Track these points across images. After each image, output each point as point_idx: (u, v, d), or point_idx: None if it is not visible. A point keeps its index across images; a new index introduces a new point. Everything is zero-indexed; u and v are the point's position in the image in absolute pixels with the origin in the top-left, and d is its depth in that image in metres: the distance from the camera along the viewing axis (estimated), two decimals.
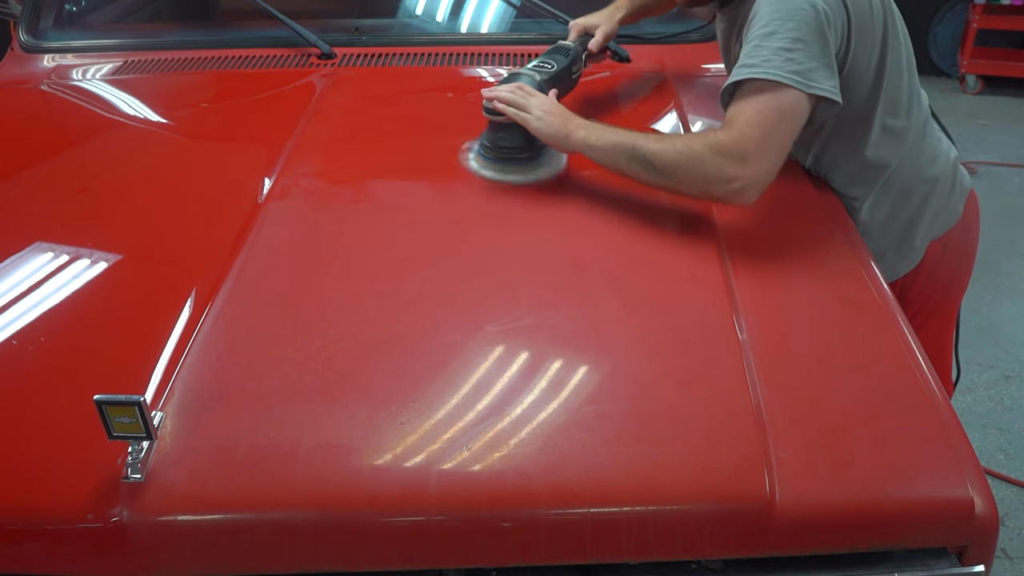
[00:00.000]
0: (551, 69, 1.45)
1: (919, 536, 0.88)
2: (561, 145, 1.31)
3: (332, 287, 1.15)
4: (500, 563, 0.88)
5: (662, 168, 1.22)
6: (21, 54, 1.96)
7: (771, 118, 1.18)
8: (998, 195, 3.86)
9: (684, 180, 1.21)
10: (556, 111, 1.31)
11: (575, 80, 1.55)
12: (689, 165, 1.20)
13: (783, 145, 1.20)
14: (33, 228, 1.29)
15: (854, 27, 1.24)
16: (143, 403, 0.81)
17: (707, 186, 1.20)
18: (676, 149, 1.21)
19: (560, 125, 1.30)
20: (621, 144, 1.25)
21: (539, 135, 1.32)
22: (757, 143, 1.17)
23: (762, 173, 1.18)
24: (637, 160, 1.23)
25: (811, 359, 1.02)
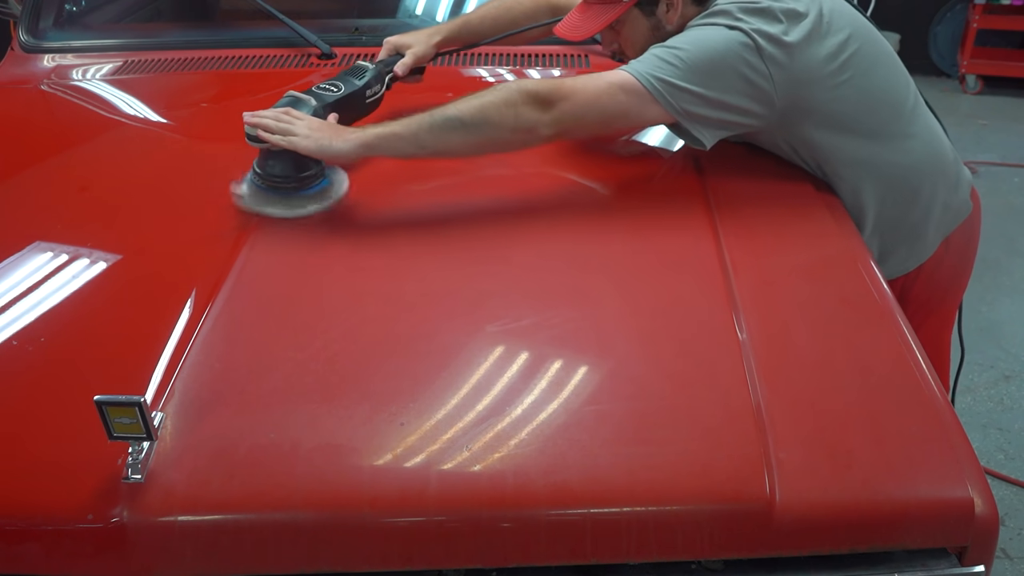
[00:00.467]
0: (336, 93, 1.37)
1: (919, 536, 0.88)
2: (339, 155, 1.24)
3: (332, 287, 1.15)
4: (500, 563, 0.88)
5: (471, 120, 1.21)
6: (21, 54, 1.96)
7: (601, 83, 1.26)
8: (998, 195, 3.86)
9: (495, 125, 1.22)
10: (325, 127, 1.25)
11: (372, 104, 1.46)
12: (502, 106, 1.22)
13: (600, 107, 1.26)
14: (33, 228, 1.29)
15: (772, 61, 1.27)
16: (143, 403, 0.81)
17: (515, 132, 1.24)
18: (483, 98, 1.22)
19: (331, 135, 1.24)
20: (413, 122, 1.22)
21: (310, 153, 1.23)
22: (570, 89, 1.24)
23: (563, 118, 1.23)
24: (439, 126, 1.21)
25: (811, 359, 1.02)
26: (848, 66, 1.31)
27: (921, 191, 1.42)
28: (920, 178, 1.42)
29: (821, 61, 1.29)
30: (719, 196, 1.33)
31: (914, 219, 1.44)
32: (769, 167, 1.42)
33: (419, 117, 1.23)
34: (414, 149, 1.24)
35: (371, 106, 1.47)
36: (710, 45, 1.27)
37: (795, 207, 1.34)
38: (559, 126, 1.25)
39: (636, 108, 1.27)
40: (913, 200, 1.42)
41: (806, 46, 1.28)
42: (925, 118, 1.44)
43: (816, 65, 1.29)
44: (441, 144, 1.23)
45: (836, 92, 1.31)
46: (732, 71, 1.26)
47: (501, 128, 1.23)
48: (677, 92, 1.26)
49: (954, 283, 1.56)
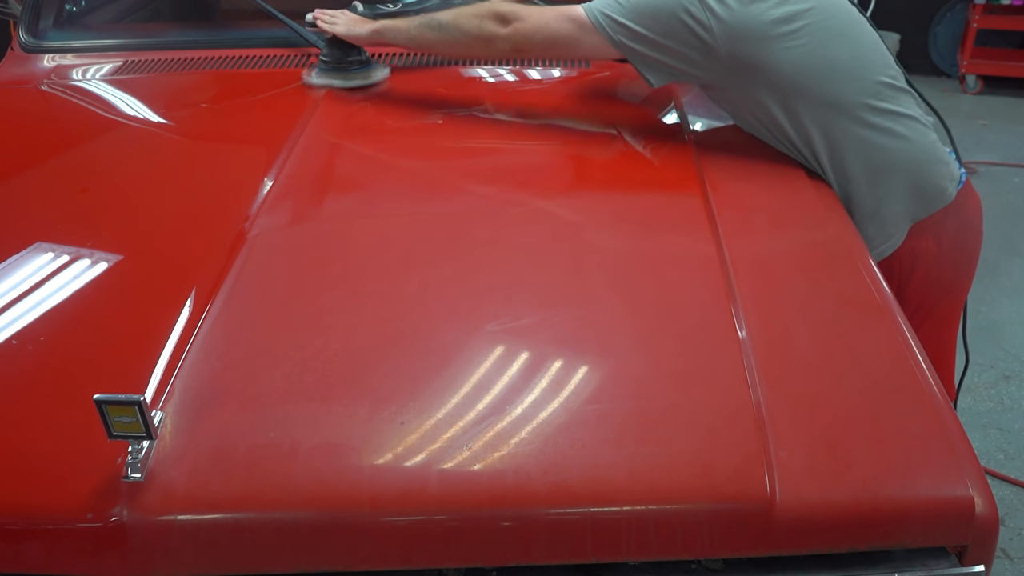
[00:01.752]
0: (387, 8, 1.72)
1: (919, 536, 0.88)
2: (360, 37, 1.67)
3: (332, 287, 1.15)
4: (500, 563, 0.88)
5: (446, 23, 1.52)
6: (21, 54, 1.96)
7: (554, 12, 1.45)
8: (998, 195, 3.86)
9: (462, 29, 1.50)
10: (356, 19, 1.67)
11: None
12: (471, 15, 1.49)
13: (549, 30, 1.45)
14: (33, 228, 1.29)
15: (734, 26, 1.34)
16: (143, 403, 0.81)
17: (476, 39, 1.50)
18: (463, 8, 1.50)
19: (357, 24, 1.67)
20: (413, 20, 1.56)
21: (340, 34, 1.67)
22: (527, 12, 1.46)
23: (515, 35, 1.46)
24: (425, 24, 1.54)
25: (811, 359, 1.02)
26: (802, 33, 1.35)
27: (884, 172, 1.41)
28: (883, 158, 1.41)
29: (769, 21, 1.34)
30: (719, 196, 1.33)
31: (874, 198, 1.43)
32: (769, 167, 1.42)
33: (419, 16, 1.57)
34: (405, 40, 1.61)
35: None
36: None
37: (795, 207, 1.34)
38: (512, 42, 1.48)
39: (580, 36, 1.44)
40: (874, 179, 1.41)
41: (749, 3, 1.34)
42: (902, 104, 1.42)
43: (761, 23, 1.34)
44: (424, 40, 1.57)
45: (785, 55, 1.35)
46: (672, 15, 1.36)
47: (467, 34, 1.50)
48: (617, 27, 1.40)
49: (954, 283, 1.54)
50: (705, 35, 1.35)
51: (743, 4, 1.34)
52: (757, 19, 1.34)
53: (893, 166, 1.42)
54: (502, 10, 1.47)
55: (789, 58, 1.35)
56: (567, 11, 1.44)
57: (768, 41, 1.35)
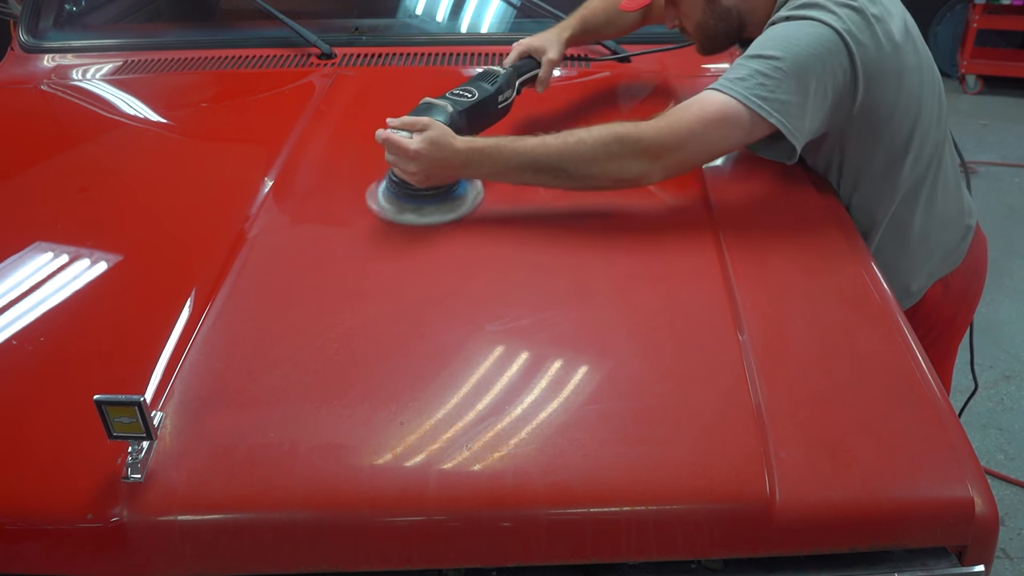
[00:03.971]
0: (470, 99, 1.36)
1: (919, 536, 0.88)
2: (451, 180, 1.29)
3: (332, 287, 1.15)
4: (500, 563, 0.88)
5: (574, 171, 1.22)
6: (21, 54, 1.96)
7: (708, 127, 1.21)
8: (998, 195, 3.86)
9: (596, 177, 1.23)
10: (435, 159, 1.21)
11: (503, 110, 1.45)
12: (605, 160, 1.21)
13: (708, 147, 1.24)
14: (33, 228, 1.29)
15: (862, 70, 1.24)
16: (143, 403, 0.81)
17: (621, 174, 1.23)
18: (590, 148, 1.21)
19: (441, 176, 1.25)
20: (523, 165, 1.22)
21: (420, 184, 1.25)
22: (680, 139, 1.21)
23: (676, 162, 1.23)
24: (545, 170, 1.23)
25: (811, 359, 1.02)
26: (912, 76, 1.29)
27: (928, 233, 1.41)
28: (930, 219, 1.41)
29: (895, 59, 1.27)
30: (719, 196, 1.33)
31: (904, 265, 1.43)
32: (771, 168, 1.42)
33: (525, 161, 1.23)
34: (517, 182, 1.26)
35: (502, 112, 1.46)
36: (806, 46, 1.21)
37: (795, 207, 1.34)
38: (668, 173, 1.25)
39: (746, 136, 1.24)
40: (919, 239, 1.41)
41: (887, 45, 1.25)
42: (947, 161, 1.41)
43: (890, 60, 1.26)
44: (543, 185, 1.26)
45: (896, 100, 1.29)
46: (827, 76, 1.22)
47: (605, 180, 1.24)
48: (783, 106, 1.21)
49: (954, 319, 1.54)
50: (849, 86, 1.24)
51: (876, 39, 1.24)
52: (889, 57, 1.25)
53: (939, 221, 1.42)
54: (645, 142, 1.21)
55: (897, 102, 1.29)
56: (715, 114, 1.22)
57: (889, 84, 1.27)
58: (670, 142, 1.21)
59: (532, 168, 1.23)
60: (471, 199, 1.32)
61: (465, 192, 1.32)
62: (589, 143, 1.21)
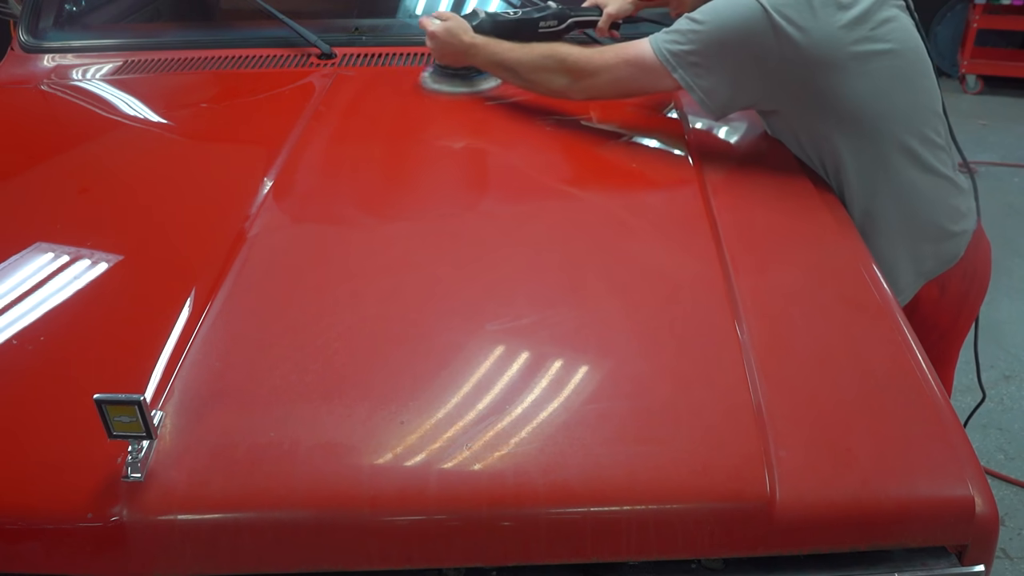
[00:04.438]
0: (508, 17, 1.65)
1: (919, 535, 0.88)
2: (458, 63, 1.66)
3: (332, 287, 1.15)
4: (500, 563, 0.88)
5: (523, 76, 1.54)
6: (21, 54, 1.96)
7: (621, 60, 1.42)
8: (998, 195, 3.86)
9: (536, 83, 1.53)
10: (446, 42, 1.62)
11: (545, 36, 1.64)
12: (540, 71, 1.51)
13: (619, 83, 1.45)
14: (33, 228, 1.29)
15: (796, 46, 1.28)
16: (143, 402, 0.81)
17: (549, 85, 1.51)
18: (532, 58, 1.51)
19: (452, 58, 1.65)
20: (499, 63, 1.57)
21: (436, 59, 1.66)
22: (595, 66, 1.44)
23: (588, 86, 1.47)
24: (509, 72, 1.56)
25: (811, 359, 1.02)
26: (874, 71, 1.31)
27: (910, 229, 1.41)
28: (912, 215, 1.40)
29: (839, 48, 1.29)
30: (719, 196, 1.33)
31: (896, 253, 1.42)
32: (770, 167, 1.42)
33: (497, 58, 1.57)
34: (496, 75, 1.64)
35: (544, 38, 1.65)
36: (726, 16, 1.32)
37: (796, 207, 1.34)
38: (584, 94, 1.50)
39: (652, 82, 1.42)
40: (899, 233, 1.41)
41: (828, 30, 1.28)
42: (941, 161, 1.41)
43: (831, 50, 1.29)
44: (507, 79, 1.60)
45: (851, 88, 1.31)
46: (743, 47, 1.31)
47: (540, 86, 1.54)
48: (686, 62, 1.36)
49: (952, 327, 1.53)
50: (772, 63, 1.30)
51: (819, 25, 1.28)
52: (834, 45, 1.29)
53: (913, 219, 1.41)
54: (569, 62, 1.47)
55: (854, 91, 1.32)
56: (635, 58, 1.41)
57: (838, 71, 1.30)
58: (589, 67, 1.46)
59: (502, 67, 1.57)
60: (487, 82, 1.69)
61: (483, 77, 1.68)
62: (533, 54, 1.52)
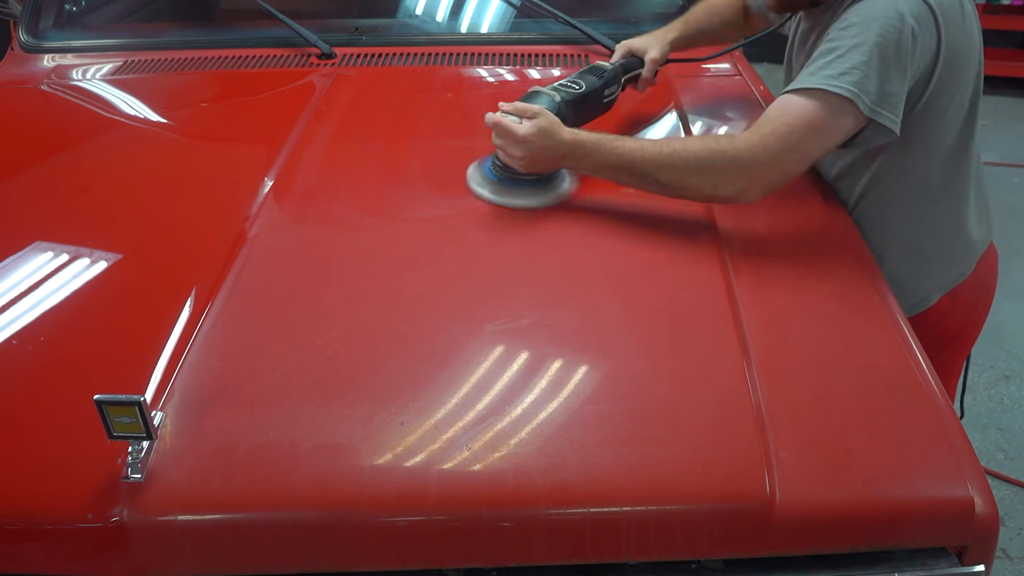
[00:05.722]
0: (577, 90, 1.38)
1: (919, 536, 0.88)
2: (552, 168, 1.32)
3: (332, 287, 1.15)
4: (500, 563, 0.88)
5: (667, 181, 1.22)
6: (21, 54, 1.96)
7: (802, 132, 1.17)
8: (998, 195, 3.85)
9: (690, 189, 1.22)
10: (542, 147, 1.24)
11: (608, 104, 1.49)
12: (697, 174, 1.20)
13: (804, 157, 1.20)
14: (33, 228, 1.29)
15: (943, 57, 1.21)
16: (143, 403, 0.81)
17: (715, 191, 1.21)
18: (683, 160, 1.20)
19: (545, 164, 1.28)
20: (619, 166, 1.24)
21: (524, 170, 1.28)
22: (774, 154, 1.17)
23: (772, 180, 1.20)
24: (639, 176, 1.23)
25: (811, 359, 1.02)
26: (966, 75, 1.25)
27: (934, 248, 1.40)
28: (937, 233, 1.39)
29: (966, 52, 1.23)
30: None
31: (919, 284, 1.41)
32: None
33: (625, 162, 1.23)
34: (613, 180, 1.28)
35: (607, 106, 1.49)
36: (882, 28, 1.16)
37: (796, 206, 1.34)
38: (763, 193, 1.22)
39: (844, 133, 1.20)
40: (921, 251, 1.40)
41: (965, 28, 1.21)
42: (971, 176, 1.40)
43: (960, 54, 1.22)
44: (638, 187, 1.26)
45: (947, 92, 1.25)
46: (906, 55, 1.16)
47: (698, 194, 1.23)
48: (883, 98, 1.16)
49: (961, 334, 1.52)
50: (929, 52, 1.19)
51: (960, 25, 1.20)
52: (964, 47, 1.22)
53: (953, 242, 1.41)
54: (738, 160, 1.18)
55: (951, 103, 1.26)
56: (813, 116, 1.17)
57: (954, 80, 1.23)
58: (764, 159, 1.18)
59: (628, 170, 1.24)
60: (566, 187, 1.35)
61: (562, 176, 1.36)
62: (683, 156, 1.21)
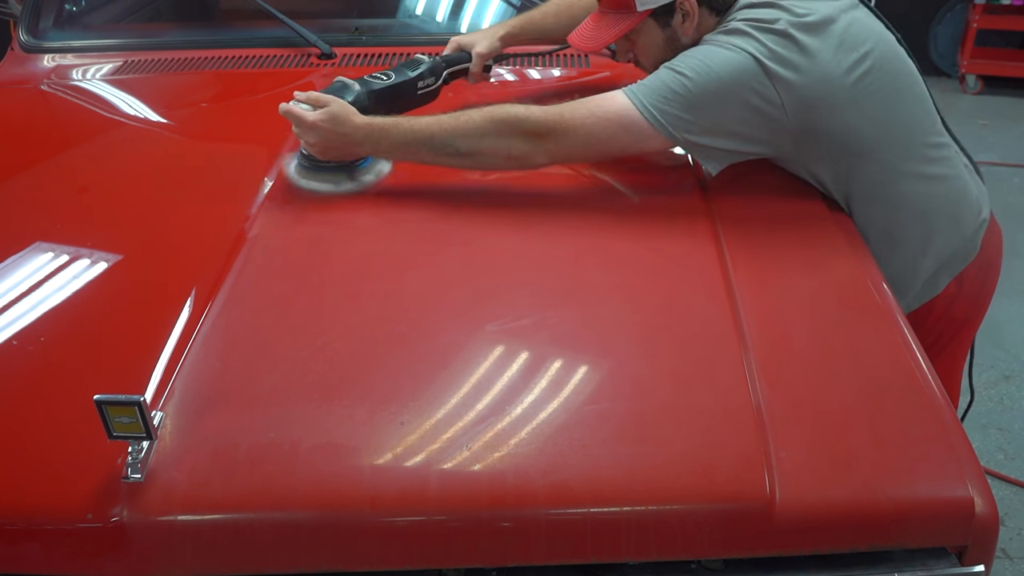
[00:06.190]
0: (384, 81, 1.41)
1: (919, 536, 0.88)
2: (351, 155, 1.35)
3: (332, 287, 1.15)
4: (500, 563, 0.88)
5: (467, 149, 1.27)
6: (21, 54, 1.96)
7: (598, 119, 1.25)
8: (998, 195, 3.84)
9: (488, 152, 1.27)
10: (334, 132, 1.28)
11: (424, 96, 1.49)
12: (493, 137, 1.26)
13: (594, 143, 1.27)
14: (33, 228, 1.29)
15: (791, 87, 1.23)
16: (143, 403, 0.81)
17: (508, 160, 1.28)
18: (477, 124, 1.26)
19: (341, 150, 1.32)
20: (418, 141, 1.28)
21: (321, 156, 1.32)
22: (565, 125, 1.25)
23: (556, 151, 1.27)
24: (438, 147, 1.28)
25: (811, 359, 1.02)
26: (869, 90, 1.27)
27: (932, 237, 1.39)
28: (931, 224, 1.38)
29: (837, 81, 1.25)
30: (719, 196, 1.33)
31: (920, 263, 1.41)
32: (770, 168, 1.42)
33: (422, 136, 1.28)
34: (414, 159, 1.32)
35: (423, 98, 1.50)
36: (717, 71, 1.23)
37: (796, 207, 1.34)
38: (552, 157, 1.29)
39: (636, 142, 1.27)
40: (921, 244, 1.39)
41: (821, 65, 1.24)
42: (948, 160, 1.39)
43: (830, 86, 1.24)
44: (440, 163, 1.31)
45: (852, 117, 1.27)
46: (736, 99, 1.23)
47: (495, 158, 1.29)
48: (680, 122, 1.24)
49: (969, 318, 1.52)
50: (775, 113, 1.24)
51: (814, 67, 1.23)
52: (828, 80, 1.24)
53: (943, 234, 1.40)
54: (531, 123, 1.25)
55: (858, 121, 1.28)
56: (614, 115, 1.25)
57: (836, 103, 1.26)
58: (558, 126, 1.25)
59: (427, 145, 1.28)
60: (375, 172, 1.38)
61: (371, 162, 1.38)
62: (478, 120, 1.26)
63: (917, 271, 1.41)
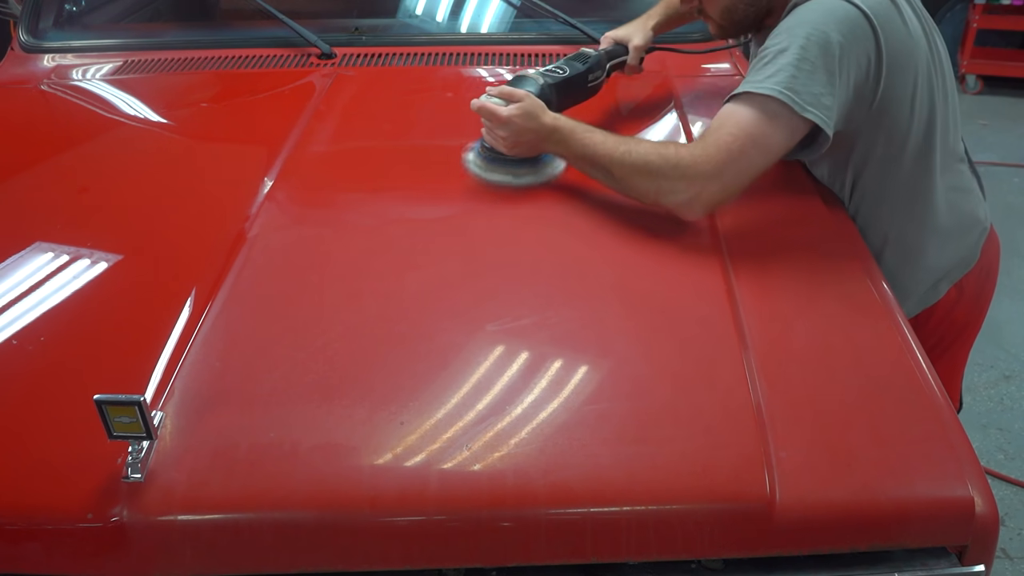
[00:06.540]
0: (561, 75, 1.42)
1: (919, 536, 0.88)
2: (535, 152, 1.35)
3: (332, 287, 1.15)
4: (500, 563, 0.88)
5: (620, 177, 1.24)
6: (21, 54, 1.96)
7: (742, 141, 1.17)
8: (998, 195, 3.85)
9: (637, 190, 1.24)
10: (525, 128, 1.28)
11: (593, 88, 1.52)
12: (644, 176, 1.22)
13: (747, 167, 1.19)
14: (33, 228, 1.29)
15: (886, 58, 1.20)
16: (143, 403, 0.81)
17: (658, 197, 1.23)
18: (632, 160, 1.22)
19: (528, 146, 1.32)
20: (584, 155, 1.27)
21: (508, 151, 1.33)
22: (716, 165, 1.17)
23: (713, 193, 1.19)
24: (599, 169, 1.26)
25: (811, 359, 1.02)
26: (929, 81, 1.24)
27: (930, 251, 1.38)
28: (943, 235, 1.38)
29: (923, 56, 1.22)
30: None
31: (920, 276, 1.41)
32: (773, 173, 1.41)
33: (588, 152, 1.26)
34: (581, 169, 1.31)
35: (592, 91, 1.53)
36: (831, 31, 1.16)
37: (796, 207, 1.34)
38: (709, 207, 1.22)
39: (786, 138, 1.18)
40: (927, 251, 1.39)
41: (915, 37, 1.21)
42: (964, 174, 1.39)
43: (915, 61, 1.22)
44: (601, 182, 1.29)
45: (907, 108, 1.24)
46: (853, 61, 1.17)
47: (646, 197, 1.25)
48: (816, 100, 1.15)
49: (969, 323, 1.52)
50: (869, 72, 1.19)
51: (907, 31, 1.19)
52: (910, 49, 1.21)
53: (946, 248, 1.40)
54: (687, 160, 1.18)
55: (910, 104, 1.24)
56: (750, 121, 1.17)
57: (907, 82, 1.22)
58: (707, 170, 1.18)
59: (591, 161, 1.27)
60: (555, 163, 1.39)
61: (550, 158, 1.39)
62: (633, 156, 1.23)
63: (919, 278, 1.41)
